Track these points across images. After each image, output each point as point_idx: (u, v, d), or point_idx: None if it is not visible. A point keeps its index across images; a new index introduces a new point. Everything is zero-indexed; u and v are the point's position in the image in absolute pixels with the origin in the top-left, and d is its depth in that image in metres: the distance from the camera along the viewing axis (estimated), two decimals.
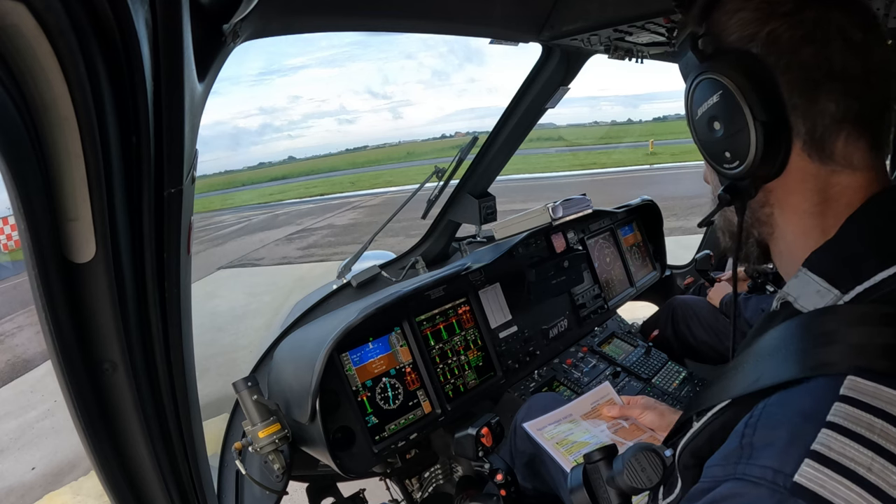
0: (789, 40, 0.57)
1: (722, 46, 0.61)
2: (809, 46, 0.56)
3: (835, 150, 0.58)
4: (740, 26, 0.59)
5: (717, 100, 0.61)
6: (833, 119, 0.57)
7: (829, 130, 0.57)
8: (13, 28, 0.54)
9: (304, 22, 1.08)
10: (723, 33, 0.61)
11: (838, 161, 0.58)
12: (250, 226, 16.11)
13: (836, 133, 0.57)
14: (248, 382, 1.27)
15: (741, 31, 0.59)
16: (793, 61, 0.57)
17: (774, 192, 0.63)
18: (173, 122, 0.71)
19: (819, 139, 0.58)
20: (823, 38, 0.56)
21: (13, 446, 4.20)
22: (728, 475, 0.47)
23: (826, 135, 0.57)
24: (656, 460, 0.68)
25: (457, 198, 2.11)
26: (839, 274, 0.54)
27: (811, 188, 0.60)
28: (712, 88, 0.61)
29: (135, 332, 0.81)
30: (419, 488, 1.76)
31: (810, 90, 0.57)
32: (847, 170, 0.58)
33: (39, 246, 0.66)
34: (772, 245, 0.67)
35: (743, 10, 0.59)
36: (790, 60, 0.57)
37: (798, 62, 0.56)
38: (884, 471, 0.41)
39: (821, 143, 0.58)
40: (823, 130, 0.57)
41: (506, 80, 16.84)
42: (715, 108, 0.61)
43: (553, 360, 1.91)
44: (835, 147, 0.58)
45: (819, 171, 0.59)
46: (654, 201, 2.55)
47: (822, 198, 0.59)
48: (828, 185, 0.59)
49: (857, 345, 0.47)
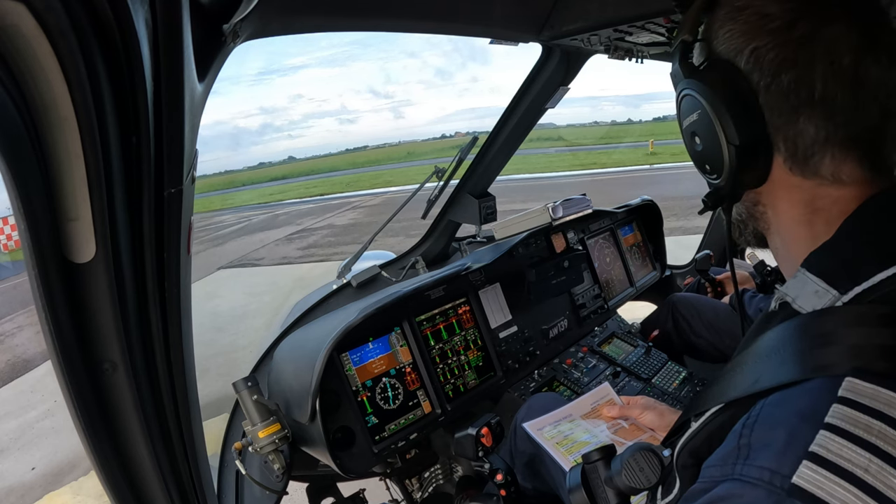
0: (771, 62, 0.56)
1: (712, 56, 0.61)
2: (791, 71, 0.55)
3: (820, 167, 0.57)
4: (728, 38, 0.59)
5: (695, 118, 0.62)
6: (814, 141, 0.56)
7: (811, 150, 0.57)
8: (13, 28, 0.54)
9: (304, 22, 1.08)
10: (713, 42, 0.61)
11: (825, 176, 0.57)
12: (250, 226, 16.11)
13: (821, 153, 0.57)
14: (248, 382, 1.27)
15: (729, 43, 0.59)
16: (773, 83, 0.56)
17: (763, 195, 0.63)
18: (173, 122, 0.71)
19: (801, 157, 0.57)
20: (807, 61, 0.54)
21: (13, 446, 4.20)
22: (726, 476, 0.47)
23: (809, 153, 0.57)
24: (654, 460, 0.68)
25: (457, 198, 2.11)
26: (837, 274, 0.54)
27: (797, 199, 0.60)
28: (692, 106, 0.62)
29: (135, 332, 0.81)
30: (419, 488, 1.76)
31: (789, 113, 0.56)
32: (835, 184, 0.57)
33: (39, 246, 0.66)
34: (769, 238, 0.67)
35: (733, 22, 0.58)
36: (770, 82, 0.56)
37: (778, 85, 0.56)
38: (881, 472, 0.41)
39: (804, 161, 0.57)
40: (805, 149, 0.57)
41: (508, 79, 16.34)
42: (695, 124, 0.63)
43: (553, 360, 1.91)
44: (820, 165, 0.57)
45: (803, 183, 0.59)
46: (654, 201, 2.54)
47: (811, 209, 0.59)
48: (815, 197, 0.59)
49: (855, 346, 0.47)
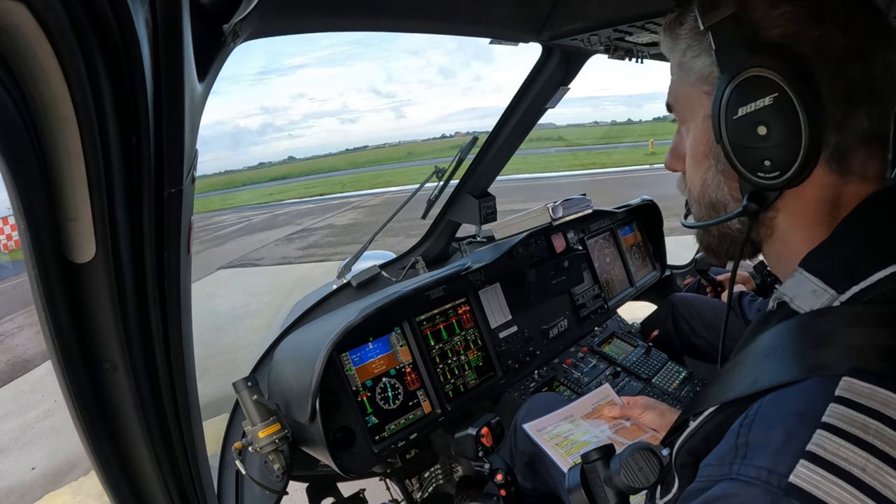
0: (840, 50, 0.53)
1: (760, 39, 0.54)
2: (857, 61, 0.53)
3: (854, 163, 0.57)
4: (786, 21, 0.54)
5: (769, 102, 0.54)
6: (863, 135, 0.55)
7: (853, 145, 0.56)
8: (13, 28, 0.54)
9: (304, 22, 1.08)
10: (762, 23, 0.55)
11: (855, 172, 0.57)
12: (250, 226, 16.12)
13: (861, 148, 0.56)
14: (248, 382, 1.28)
15: (786, 26, 0.54)
16: (840, 73, 0.53)
17: (785, 199, 0.60)
18: (173, 122, 0.71)
19: (841, 152, 0.56)
20: (869, 52, 0.53)
21: (13, 446, 4.20)
22: (723, 475, 0.47)
23: (849, 148, 0.56)
24: (653, 460, 0.68)
25: (457, 198, 2.11)
26: (835, 274, 0.54)
27: (824, 198, 0.58)
28: (764, 89, 0.54)
29: (135, 332, 0.81)
30: (419, 488, 1.76)
31: (850, 105, 0.54)
32: (859, 180, 0.57)
33: (39, 246, 0.66)
34: (766, 246, 0.66)
35: (789, 3, 0.54)
36: (838, 72, 0.53)
37: (845, 75, 0.53)
38: (878, 471, 0.41)
39: (842, 156, 0.56)
40: (848, 145, 0.56)
41: (511, 78, 16.13)
42: (766, 111, 0.54)
43: (553, 360, 1.91)
44: (854, 160, 0.57)
45: (836, 181, 0.58)
46: (654, 201, 2.55)
47: (832, 206, 0.58)
48: (840, 195, 0.58)
49: (853, 346, 0.47)
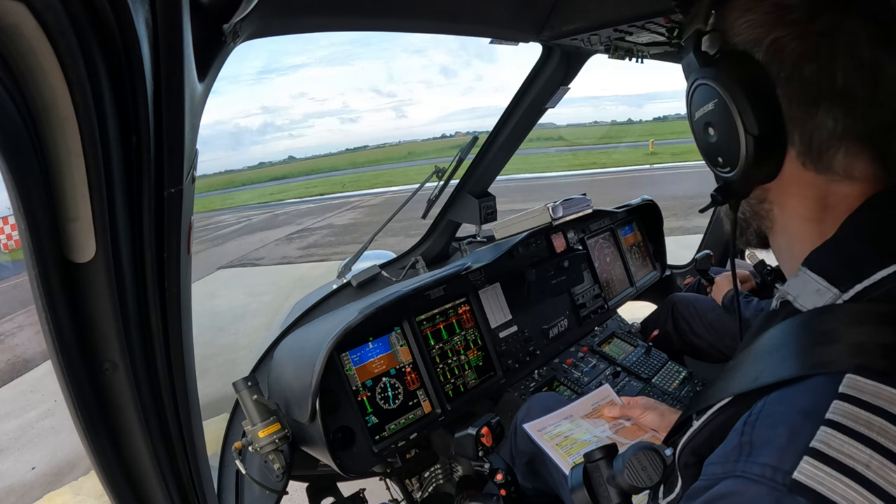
0: (792, 52, 0.55)
1: (727, 46, 0.59)
2: (813, 62, 0.54)
3: (833, 162, 0.57)
4: (747, 28, 0.57)
5: (711, 107, 0.61)
6: (831, 134, 0.56)
7: (826, 144, 0.56)
8: (13, 28, 0.54)
9: (304, 22, 1.08)
10: (730, 32, 0.59)
11: (837, 172, 0.57)
12: (250, 225, 16.11)
13: (836, 147, 0.56)
14: (248, 382, 1.28)
15: (747, 33, 0.57)
16: (793, 75, 0.55)
17: (772, 192, 0.63)
18: (173, 122, 0.71)
19: (816, 150, 0.57)
20: (829, 53, 0.54)
21: (13, 446, 4.20)
22: (727, 473, 0.47)
23: (823, 147, 0.56)
24: (657, 459, 0.68)
25: (457, 198, 2.11)
26: (838, 273, 0.54)
27: (808, 195, 0.59)
28: (708, 95, 0.60)
29: (135, 332, 0.81)
30: (419, 488, 1.76)
31: (808, 105, 0.55)
32: (847, 180, 0.57)
33: (39, 246, 0.66)
34: (771, 238, 0.67)
35: (752, 12, 0.57)
36: (791, 73, 0.55)
37: (799, 76, 0.55)
38: (882, 468, 0.41)
39: (818, 155, 0.57)
40: (821, 143, 0.56)
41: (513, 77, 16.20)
42: (710, 114, 0.61)
43: (553, 359, 1.91)
44: (833, 159, 0.57)
45: (815, 179, 0.58)
46: (654, 201, 2.54)
47: (821, 205, 0.59)
48: (826, 194, 0.58)
49: (856, 343, 0.47)
